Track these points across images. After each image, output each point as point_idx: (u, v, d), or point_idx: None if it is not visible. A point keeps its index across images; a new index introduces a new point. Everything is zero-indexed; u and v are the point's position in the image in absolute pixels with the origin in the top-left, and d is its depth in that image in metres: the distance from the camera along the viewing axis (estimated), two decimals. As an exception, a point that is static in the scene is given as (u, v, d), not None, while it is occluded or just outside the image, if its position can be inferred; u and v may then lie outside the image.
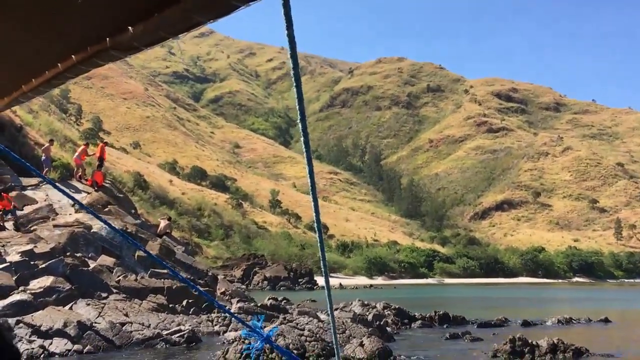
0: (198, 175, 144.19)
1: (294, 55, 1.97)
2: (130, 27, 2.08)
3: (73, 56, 2.44)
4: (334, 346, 3.56)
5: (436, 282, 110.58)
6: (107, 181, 35.24)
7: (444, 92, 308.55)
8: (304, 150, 2.26)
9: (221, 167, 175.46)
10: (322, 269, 2.99)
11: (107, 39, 2.21)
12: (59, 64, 2.57)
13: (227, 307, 27.02)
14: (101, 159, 33.12)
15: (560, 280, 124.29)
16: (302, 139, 2.24)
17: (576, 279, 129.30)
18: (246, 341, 16.82)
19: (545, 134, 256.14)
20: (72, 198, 4.52)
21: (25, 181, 30.60)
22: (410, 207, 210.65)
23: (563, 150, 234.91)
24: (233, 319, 21.12)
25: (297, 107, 2.10)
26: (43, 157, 32.46)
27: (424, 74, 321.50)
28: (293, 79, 2.01)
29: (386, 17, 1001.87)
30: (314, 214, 2.53)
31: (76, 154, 33.17)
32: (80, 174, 32.60)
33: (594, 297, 67.04)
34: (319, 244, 2.81)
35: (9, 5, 2.19)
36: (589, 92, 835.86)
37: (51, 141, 36.35)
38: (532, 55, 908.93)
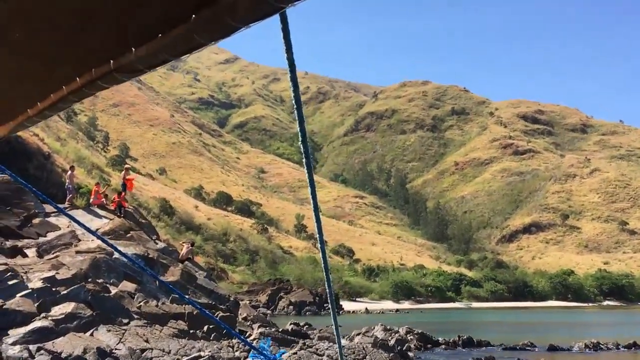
0: (224, 201, 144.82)
1: (293, 78, 2.05)
2: (133, 49, 2.08)
3: (78, 79, 2.44)
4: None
5: (464, 306, 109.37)
6: (130, 207, 35.48)
7: (469, 115, 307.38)
8: (306, 172, 2.43)
9: (247, 192, 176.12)
10: (326, 283, 2.96)
11: (111, 61, 2.20)
12: (63, 87, 2.56)
13: (247, 333, 26.94)
14: (124, 185, 33.44)
15: (590, 304, 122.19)
16: (303, 160, 2.35)
17: (607, 302, 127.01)
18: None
19: (573, 155, 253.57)
20: (81, 224, 4.51)
21: (49, 208, 30.84)
22: (437, 231, 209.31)
23: (591, 171, 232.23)
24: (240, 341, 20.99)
25: (298, 128, 2.20)
26: (66, 184, 32.84)
27: (448, 97, 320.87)
28: (293, 101, 2.10)
29: (410, 41, 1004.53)
30: (316, 226, 2.73)
31: (92, 197, 33.38)
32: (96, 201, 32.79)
33: (624, 321, 65.83)
34: (321, 255, 2.86)
35: (13, 29, 2.20)
36: (616, 112, 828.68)
37: (72, 167, 36.69)
38: (558, 76, 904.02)
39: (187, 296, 26.77)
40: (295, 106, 2.14)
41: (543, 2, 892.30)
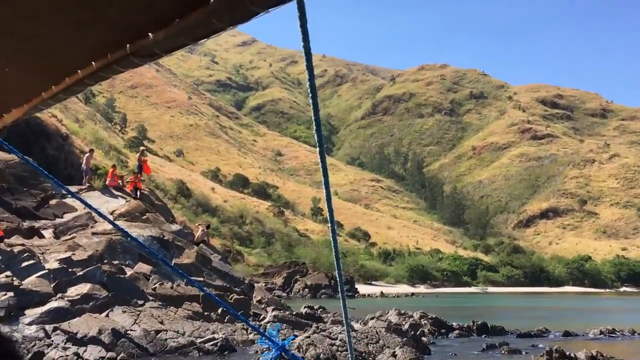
0: (240, 183, 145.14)
1: (309, 67, 2.05)
2: (150, 33, 2.07)
3: (93, 63, 2.42)
4: (348, 347, 3.51)
5: (479, 290, 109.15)
6: (146, 189, 35.65)
7: (488, 99, 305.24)
8: (320, 161, 2.40)
9: (263, 175, 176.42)
10: (337, 272, 2.94)
11: (128, 45, 2.19)
12: (79, 71, 2.54)
13: (261, 316, 27.06)
14: (140, 166, 33.61)
15: (607, 290, 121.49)
16: (317, 149, 2.35)
17: (624, 288, 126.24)
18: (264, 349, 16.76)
19: (592, 140, 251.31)
20: (90, 206, 4.50)
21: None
22: (453, 215, 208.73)
23: (610, 157, 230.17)
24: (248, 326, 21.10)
25: (313, 117, 2.18)
26: (82, 166, 33.10)
27: (467, 81, 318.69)
28: (309, 89, 2.09)
29: (428, 24, 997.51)
30: (328, 211, 2.62)
31: (108, 179, 33.57)
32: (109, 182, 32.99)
33: (641, 308, 65.44)
34: (331, 235, 2.71)
35: (29, 13, 2.17)
36: (637, 98, 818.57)
37: (91, 151, 37.03)
38: (578, 60, 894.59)
39: (202, 278, 26.96)
40: (310, 95, 2.12)
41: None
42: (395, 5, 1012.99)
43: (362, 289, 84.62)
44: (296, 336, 19.13)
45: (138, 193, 32.44)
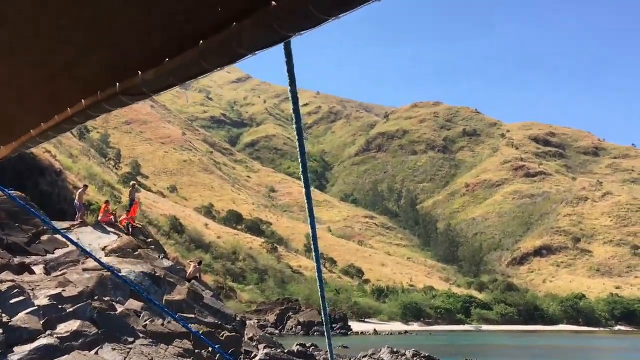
0: (234, 219, 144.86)
1: (296, 110, 2.13)
2: (140, 72, 2.10)
3: (83, 100, 2.44)
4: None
5: (473, 328, 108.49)
6: (139, 225, 35.55)
7: (481, 137, 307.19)
8: (306, 202, 2.53)
9: (257, 211, 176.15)
10: (321, 304, 3.10)
11: (117, 84, 2.22)
12: (68, 109, 2.55)
13: (252, 353, 26.78)
14: (132, 202, 33.55)
15: (602, 329, 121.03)
16: (302, 183, 2.44)
17: (618, 327, 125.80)
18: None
19: (585, 178, 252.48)
20: (82, 248, 4.50)
21: (57, 225, 30.91)
22: (447, 252, 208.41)
23: (603, 195, 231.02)
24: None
25: (299, 158, 2.32)
26: (75, 202, 33.01)
27: (460, 118, 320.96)
28: (296, 133, 2.23)
29: (421, 62, 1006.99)
30: (312, 240, 2.82)
31: (100, 214, 33.48)
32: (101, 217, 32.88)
33: (636, 347, 65.02)
34: (317, 275, 3.03)
35: (20, 50, 2.21)
36: (629, 136, 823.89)
37: (85, 187, 36.94)
38: (570, 99, 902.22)
39: (193, 315, 26.71)
40: (297, 136, 2.25)
41: (552, 26, 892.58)
42: (389, 43, 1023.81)
43: (356, 326, 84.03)
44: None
45: (130, 229, 32.35)
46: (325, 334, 2.99)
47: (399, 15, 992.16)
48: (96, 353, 21.61)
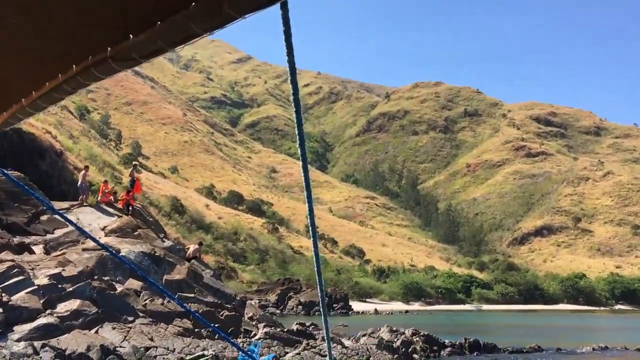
0: (235, 200, 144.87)
1: (294, 81, 2.10)
2: (131, 36, 2.09)
3: (74, 66, 2.41)
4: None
5: (474, 308, 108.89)
6: (138, 205, 35.57)
7: (482, 117, 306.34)
8: (303, 178, 2.45)
9: (258, 192, 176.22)
10: (318, 286, 3.06)
11: (108, 48, 2.20)
12: (59, 75, 2.51)
13: (252, 332, 26.90)
14: (132, 182, 33.55)
15: (602, 308, 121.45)
16: (301, 171, 2.38)
17: (618, 306, 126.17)
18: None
19: (586, 158, 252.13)
20: (77, 227, 4.48)
21: (57, 205, 30.94)
22: (448, 232, 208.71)
23: (604, 175, 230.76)
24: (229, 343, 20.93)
25: (297, 132, 2.21)
26: (79, 183, 33.05)
27: (461, 99, 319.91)
28: (293, 104, 2.14)
29: (423, 42, 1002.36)
30: (309, 219, 2.79)
31: (99, 195, 33.48)
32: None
33: (635, 326, 65.28)
34: (314, 256, 2.89)
35: (10, 15, 2.19)
36: (630, 115, 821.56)
37: (86, 167, 36.97)
38: (571, 78, 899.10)
39: (193, 294, 26.82)
40: (294, 110, 2.18)
41: (556, 6, 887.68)
42: (390, 23, 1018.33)
43: (356, 306, 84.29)
44: (277, 354, 18.99)
45: (130, 209, 32.40)
46: (322, 313, 3.04)
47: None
48: (96, 332, 21.73)
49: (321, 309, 3.05)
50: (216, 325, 25.26)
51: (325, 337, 3.36)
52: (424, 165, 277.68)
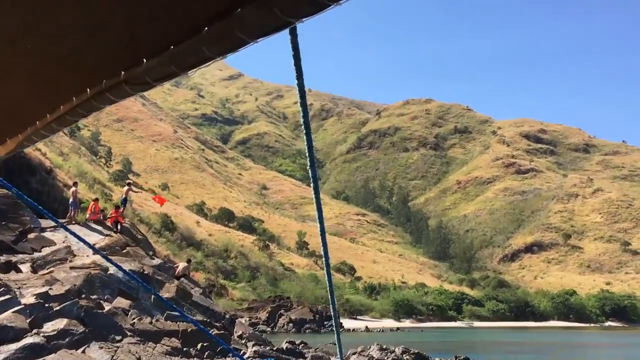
0: (225, 217, 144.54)
1: (303, 104, 2.15)
2: (144, 60, 2.12)
3: (88, 90, 2.45)
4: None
5: (465, 325, 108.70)
6: (127, 222, 35.43)
7: (472, 134, 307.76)
8: (314, 197, 2.48)
9: (248, 209, 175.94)
10: (331, 305, 3.17)
11: (122, 72, 2.24)
12: (74, 98, 2.54)
13: (241, 351, 26.72)
14: (124, 200, 33.49)
15: (592, 325, 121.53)
16: (311, 185, 2.40)
17: (609, 323, 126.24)
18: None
19: (575, 175, 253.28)
20: (83, 240, 4.44)
21: (45, 223, 30.76)
22: (439, 249, 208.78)
23: (593, 191, 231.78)
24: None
25: (307, 154, 2.26)
26: (70, 200, 32.96)
27: (451, 115, 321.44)
28: (303, 126, 2.19)
29: (413, 59, 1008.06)
30: (322, 249, 2.90)
31: (88, 212, 33.33)
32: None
33: (625, 343, 65.27)
34: (326, 275, 3.04)
35: (26, 39, 2.22)
36: (619, 133, 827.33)
37: (75, 184, 36.79)
38: (561, 96, 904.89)
39: (178, 314, 26.63)
40: (304, 128, 2.21)
41: (546, 24, 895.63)
42: (381, 40, 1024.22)
43: (347, 323, 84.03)
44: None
45: (119, 227, 32.25)
46: (335, 332, 3.07)
47: (391, 13, 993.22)
48: (83, 352, 21.47)
49: (334, 328, 3.13)
50: (205, 345, 25.09)
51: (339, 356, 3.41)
52: (415, 182, 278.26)
